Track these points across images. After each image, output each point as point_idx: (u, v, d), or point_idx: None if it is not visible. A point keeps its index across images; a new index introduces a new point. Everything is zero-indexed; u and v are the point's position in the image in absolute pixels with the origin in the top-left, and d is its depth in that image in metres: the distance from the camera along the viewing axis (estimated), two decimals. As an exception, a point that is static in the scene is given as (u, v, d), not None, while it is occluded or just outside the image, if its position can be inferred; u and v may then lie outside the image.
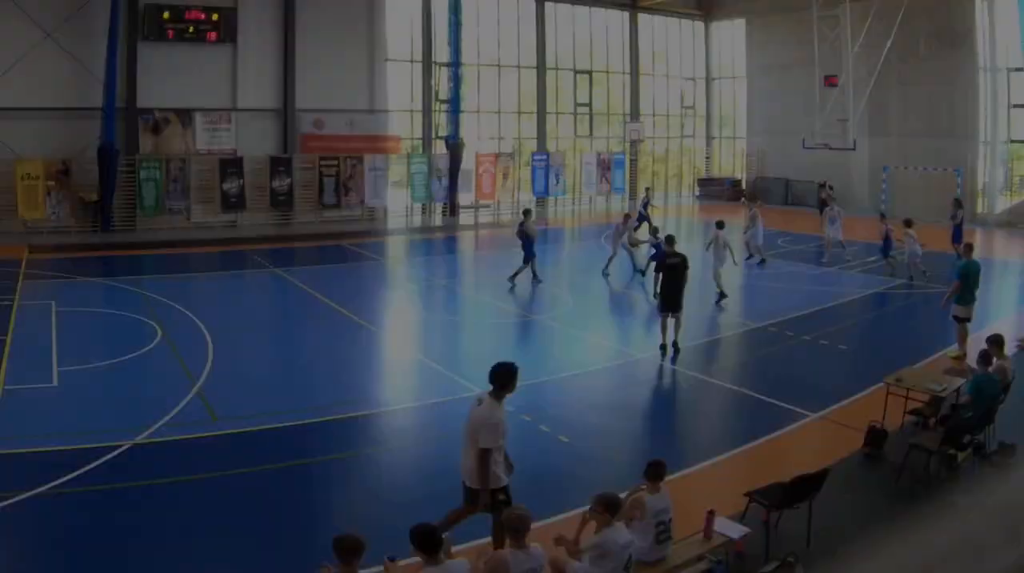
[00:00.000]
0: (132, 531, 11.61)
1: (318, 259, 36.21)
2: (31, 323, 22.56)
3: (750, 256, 34.67)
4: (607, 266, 31.56)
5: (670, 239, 22.35)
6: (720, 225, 28.27)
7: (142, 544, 11.30)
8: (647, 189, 47.57)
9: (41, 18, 38.52)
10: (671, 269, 21.13)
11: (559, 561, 9.13)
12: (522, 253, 29.25)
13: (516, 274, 29.23)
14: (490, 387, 10.94)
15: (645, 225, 39.56)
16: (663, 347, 20.97)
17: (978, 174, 48.77)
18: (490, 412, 10.71)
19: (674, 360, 20.51)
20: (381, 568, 8.86)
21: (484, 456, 10.52)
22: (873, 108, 48.80)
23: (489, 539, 9.96)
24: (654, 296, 22.26)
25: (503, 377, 10.87)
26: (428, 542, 8.19)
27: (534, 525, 8.96)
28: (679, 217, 50.55)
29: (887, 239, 31.85)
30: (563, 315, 25.64)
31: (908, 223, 30.47)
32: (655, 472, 10.10)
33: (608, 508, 9.09)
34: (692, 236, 39.50)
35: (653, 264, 25.64)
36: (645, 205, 42.37)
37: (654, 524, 9.74)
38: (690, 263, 21.55)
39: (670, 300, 20.97)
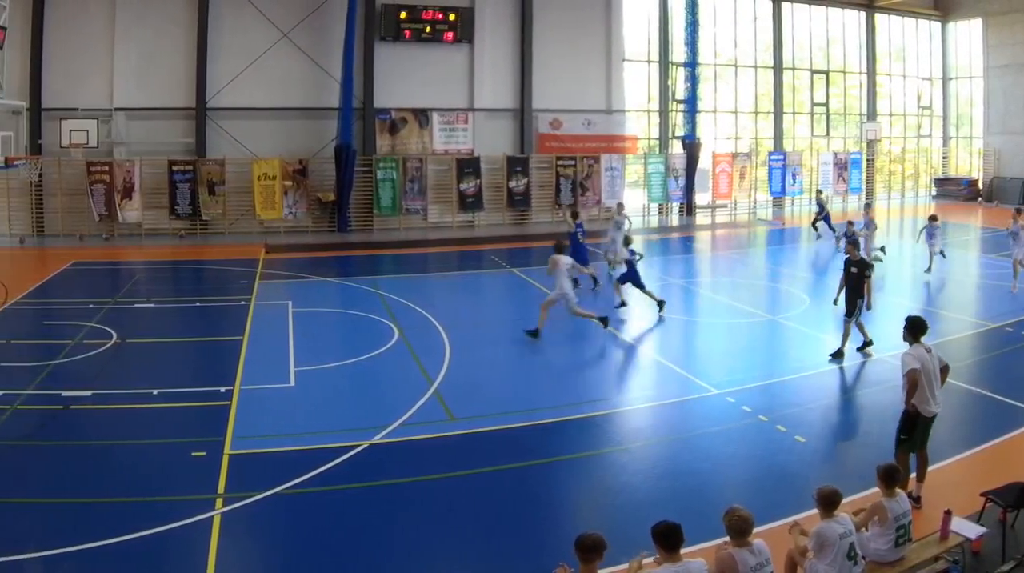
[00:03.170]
0: (368, 530, 10.28)
1: (555, 259, 30.84)
2: (268, 323, 20.21)
3: None
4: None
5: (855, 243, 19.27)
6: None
7: (378, 543, 9.99)
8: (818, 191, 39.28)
9: (278, 18, 34.23)
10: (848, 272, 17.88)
11: (793, 554, 8.43)
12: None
13: None
14: (910, 337, 11.16)
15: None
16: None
17: None
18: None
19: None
20: (619, 568, 8.26)
21: None
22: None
23: (725, 539, 7.79)
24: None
25: (924, 326, 11.29)
26: (670, 540, 7.32)
27: (773, 524, 9.27)
28: (915, 217, 43.24)
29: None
30: (799, 315, 21.96)
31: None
32: (891, 478, 8.89)
33: (823, 502, 8.24)
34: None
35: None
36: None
37: (895, 527, 8.67)
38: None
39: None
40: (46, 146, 32.04)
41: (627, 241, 22.43)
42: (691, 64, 40.29)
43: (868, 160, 48.51)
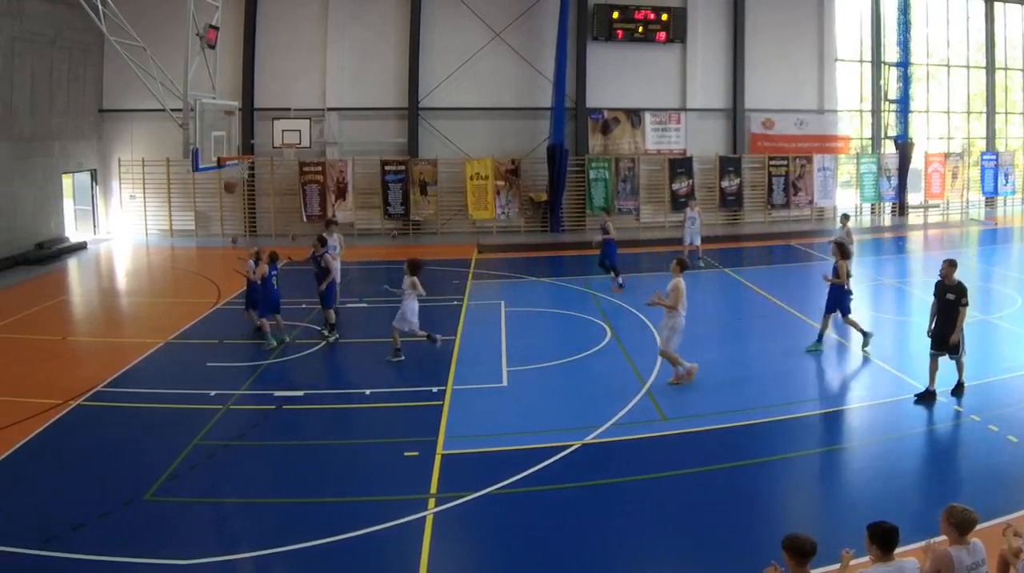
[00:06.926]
0: (580, 530, 8.97)
1: (767, 259, 27.20)
2: (480, 323, 18.02)
3: None
4: None
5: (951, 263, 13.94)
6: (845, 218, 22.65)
7: (589, 543, 8.70)
8: None
9: (490, 18, 29.48)
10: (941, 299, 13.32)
11: (1006, 555, 6.77)
12: None
13: None
14: None
15: None
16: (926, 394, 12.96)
17: None
18: None
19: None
20: (830, 568, 6.92)
21: None
22: None
23: (942, 537, 6.44)
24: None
25: None
26: (886, 540, 6.07)
27: (985, 524, 7.25)
28: None
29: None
30: (1012, 315, 18.51)
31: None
32: None
33: None
34: None
35: None
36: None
37: None
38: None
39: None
40: (258, 146, 28.40)
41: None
42: (903, 64, 33.54)
43: (1081, 162, 40.19)
